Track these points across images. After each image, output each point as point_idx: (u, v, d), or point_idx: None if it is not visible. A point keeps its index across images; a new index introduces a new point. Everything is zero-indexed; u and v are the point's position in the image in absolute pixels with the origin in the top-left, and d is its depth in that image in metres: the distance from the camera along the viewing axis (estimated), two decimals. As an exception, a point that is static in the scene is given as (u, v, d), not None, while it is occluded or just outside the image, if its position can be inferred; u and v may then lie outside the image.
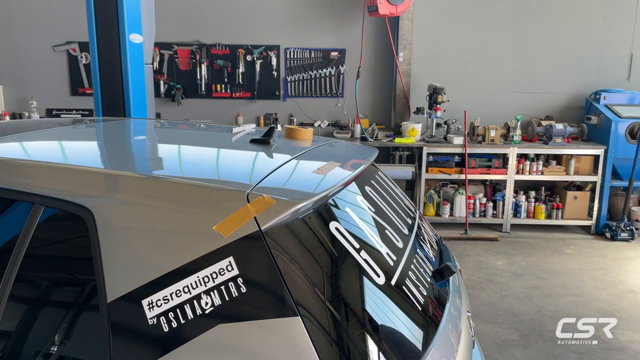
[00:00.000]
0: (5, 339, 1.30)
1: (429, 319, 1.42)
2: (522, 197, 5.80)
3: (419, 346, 1.28)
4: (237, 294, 1.11)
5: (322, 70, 6.20)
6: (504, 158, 5.71)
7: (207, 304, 1.11)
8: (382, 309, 1.27)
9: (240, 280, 1.12)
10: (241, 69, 6.11)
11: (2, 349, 1.29)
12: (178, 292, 1.12)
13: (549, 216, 5.77)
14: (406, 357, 1.21)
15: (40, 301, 1.37)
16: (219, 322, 1.10)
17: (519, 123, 5.63)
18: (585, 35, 6.10)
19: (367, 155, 1.83)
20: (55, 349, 1.26)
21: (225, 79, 6.14)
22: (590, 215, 5.73)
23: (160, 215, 1.21)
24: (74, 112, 6.10)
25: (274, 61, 6.12)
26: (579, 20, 6.07)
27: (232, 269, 1.12)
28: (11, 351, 1.29)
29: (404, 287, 1.38)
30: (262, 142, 1.77)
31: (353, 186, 1.59)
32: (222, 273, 1.12)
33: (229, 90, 6.17)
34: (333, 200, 1.39)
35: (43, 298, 1.38)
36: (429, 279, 1.57)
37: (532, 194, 5.88)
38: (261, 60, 6.12)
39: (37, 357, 1.27)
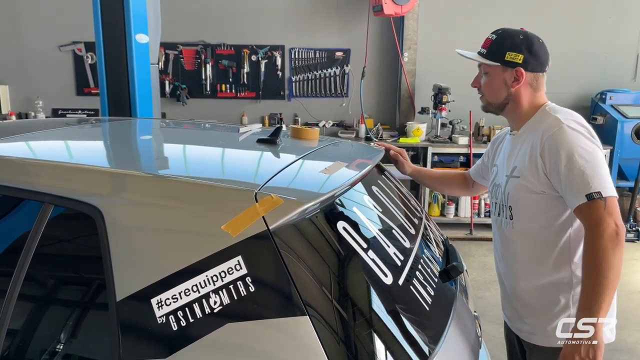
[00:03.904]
0: (15, 337, 1.31)
1: (436, 319, 1.42)
2: (527, 198, 5.78)
3: (427, 346, 1.28)
4: (245, 293, 1.11)
5: (326, 70, 6.20)
6: (509, 158, 5.69)
7: (215, 303, 1.12)
8: (389, 308, 1.27)
9: (248, 280, 1.12)
10: (246, 69, 6.12)
11: (13, 347, 1.30)
12: (187, 291, 1.13)
13: (554, 216, 5.74)
14: (414, 357, 1.21)
15: (50, 300, 1.38)
16: (227, 321, 1.11)
17: (524, 123, 5.61)
18: (590, 35, 6.08)
19: (374, 155, 1.83)
20: (65, 347, 1.27)
21: (230, 79, 6.15)
22: (595, 215, 5.69)
23: (168, 215, 1.21)
24: (80, 112, 6.13)
25: (278, 61, 6.13)
26: (584, 20, 6.05)
27: (241, 268, 1.12)
28: (21, 349, 1.30)
29: (411, 287, 1.38)
30: (269, 141, 1.78)
31: (360, 186, 1.59)
32: (230, 272, 1.13)
33: (233, 90, 6.18)
34: (340, 200, 1.39)
35: (52, 297, 1.38)
36: (436, 279, 1.57)
37: (538, 194, 5.85)
38: (266, 60, 6.12)
39: (47, 355, 1.28)
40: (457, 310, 1.55)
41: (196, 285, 1.13)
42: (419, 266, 1.52)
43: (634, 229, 5.41)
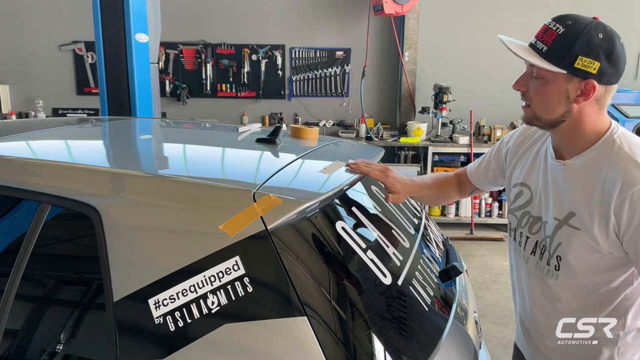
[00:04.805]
0: (13, 337, 1.30)
1: (435, 319, 1.41)
2: (528, 197, 5.77)
3: (426, 346, 1.27)
4: (243, 294, 1.11)
5: (327, 69, 6.20)
6: (510, 158, 5.67)
7: (213, 303, 1.11)
8: (388, 309, 1.26)
9: (246, 280, 1.11)
10: (246, 69, 6.11)
11: (10, 347, 1.29)
12: (184, 291, 1.12)
13: (555, 216, 5.73)
14: (413, 358, 1.21)
15: (47, 300, 1.38)
16: (225, 322, 1.10)
17: (525, 123, 5.60)
18: (592, 35, 6.04)
19: (373, 155, 1.83)
20: (62, 347, 1.26)
21: (231, 79, 6.15)
22: (596, 215, 5.68)
23: (166, 215, 1.21)
24: (80, 111, 6.12)
25: (279, 60, 6.12)
26: (585, 19, 6.02)
27: (239, 268, 1.12)
28: (18, 349, 1.30)
29: (410, 288, 1.37)
30: (268, 141, 1.77)
31: (359, 186, 1.58)
32: (228, 272, 1.12)
33: (234, 90, 6.17)
34: (339, 199, 1.38)
35: (50, 297, 1.38)
36: (435, 279, 1.56)
37: (538, 194, 5.84)
38: (266, 60, 6.12)
39: (44, 355, 1.27)
40: (457, 311, 1.55)
41: (194, 285, 1.12)
42: (419, 266, 1.51)
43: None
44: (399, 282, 1.34)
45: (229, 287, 1.11)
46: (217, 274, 1.12)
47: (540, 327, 1.52)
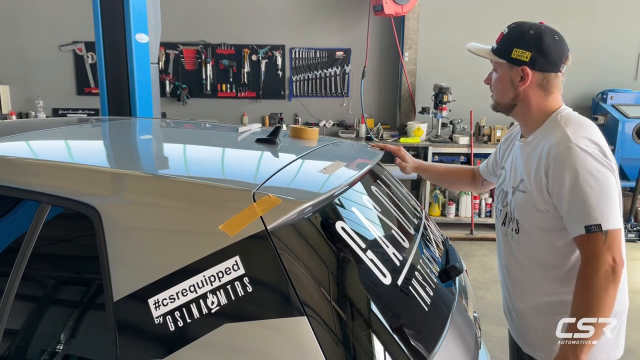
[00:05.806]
0: (13, 337, 1.30)
1: (435, 319, 1.41)
2: (528, 198, 5.76)
3: (426, 347, 1.27)
4: (243, 294, 1.11)
5: (327, 69, 6.20)
6: (510, 158, 5.67)
7: (213, 303, 1.11)
8: (388, 309, 1.26)
9: (246, 280, 1.11)
10: (246, 69, 6.12)
11: (9, 347, 1.29)
12: (184, 291, 1.12)
13: (555, 216, 5.73)
14: (412, 358, 1.21)
15: (47, 300, 1.38)
16: (224, 322, 1.10)
17: (525, 123, 5.60)
18: (592, 35, 6.06)
19: (373, 155, 1.83)
20: (62, 347, 1.26)
21: (231, 79, 6.15)
22: (596, 215, 5.67)
23: (166, 215, 1.21)
24: (80, 111, 6.13)
25: (279, 61, 6.12)
26: (585, 19, 6.03)
27: (238, 268, 1.12)
28: (18, 350, 1.30)
29: (410, 288, 1.37)
30: (268, 141, 1.77)
31: (359, 186, 1.58)
32: (228, 272, 1.12)
33: (234, 90, 6.18)
34: (339, 199, 1.38)
35: (49, 297, 1.38)
36: (435, 280, 1.56)
37: (538, 194, 5.84)
38: (266, 60, 6.12)
39: (43, 355, 1.27)
40: (457, 311, 1.55)
41: (193, 285, 1.12)
42: (418, 266, 1.51)
43: (635, 229, 5.40)
44: (399, 282, 1.34)
45: (228, 287, 1.11)
46: (217, 273, 1.12)
47: (509, 294, 1.79)
